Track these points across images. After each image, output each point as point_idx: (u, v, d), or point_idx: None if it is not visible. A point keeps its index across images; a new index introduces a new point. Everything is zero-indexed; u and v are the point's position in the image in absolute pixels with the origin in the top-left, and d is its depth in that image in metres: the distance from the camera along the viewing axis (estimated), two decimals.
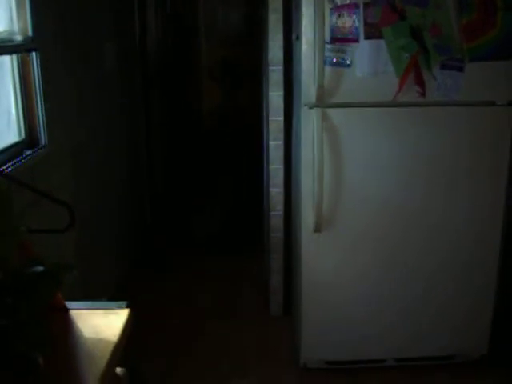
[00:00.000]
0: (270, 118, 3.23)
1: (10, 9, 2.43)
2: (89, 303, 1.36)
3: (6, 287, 0.92)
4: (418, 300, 2.88)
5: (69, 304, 1.32)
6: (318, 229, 2.69)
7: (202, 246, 4.58)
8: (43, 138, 2.58)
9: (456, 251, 2.83)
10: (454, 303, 2.89)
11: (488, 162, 2.74)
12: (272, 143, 3.25)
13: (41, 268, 0.98)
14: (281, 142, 3.24)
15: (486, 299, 2.89)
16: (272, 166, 3.28)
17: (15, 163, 2.27)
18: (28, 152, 2.45)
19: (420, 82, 2.63)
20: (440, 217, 2.80)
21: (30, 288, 0.94)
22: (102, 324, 1.28)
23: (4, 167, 2.17)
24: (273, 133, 3.24)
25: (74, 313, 1.31)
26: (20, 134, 2.53)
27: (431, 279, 2.86)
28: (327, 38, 2.55)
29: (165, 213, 5.28)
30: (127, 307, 1.32)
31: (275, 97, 3.19)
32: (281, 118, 3.21)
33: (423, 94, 2.65)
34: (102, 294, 2.98)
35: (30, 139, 2.56)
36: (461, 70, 2.64)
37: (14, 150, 2.41)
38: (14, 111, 2.51)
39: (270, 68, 3.17)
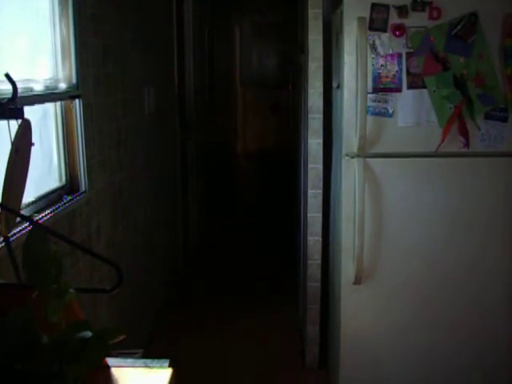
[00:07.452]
0: (308, 166, 3.20)
1: (56, 57, 2.46)
2: (130, 360, 1.32)
3: (53, 353, 0.89)
4: (461, 354, 2.78)
5: (110, 361, 1.28)
6: (357, 281, 2.63)
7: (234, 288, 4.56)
8: (84, 183, 2.58)
9: (500, 304, 2.74)
10: (499, 359, 2.79)
11: None
12: (310, 191, 3.21)
13: (89, 333, 0.95)
14: (320, 191, 3.20)
15: None
16: (310, 214, 3.23)
17: (55, 209, 2.27)
18: (68, 198, 2.45)
19: (464, 133, 2.59)
20: (482, 269, 2.72)
21: (77, 354, 0.91)
22: (145, 383, 1.24)
23: (44, 213, 2.17)
24: (311, 180, 3.20)
25: (114, 370, 1.27)
26: (61, 179, 2.54)
27: (473, 332, 2.77)
28: (369, 87, 2.54)
29: (198, 263, 5.27)
30: (169, 366, 1.27)
31: (314, 144, 3.17)
32: (320, 166, 3.18)
33: (467, 145, 2.60)
34: (132, 343, 2.93)
35: (70, 185, 2.56)
36: (505, 120, 2.61)
37: (54, 195, 2.41)
38: (55, 157, 2.52)
39: (310, 116, 3.15)
